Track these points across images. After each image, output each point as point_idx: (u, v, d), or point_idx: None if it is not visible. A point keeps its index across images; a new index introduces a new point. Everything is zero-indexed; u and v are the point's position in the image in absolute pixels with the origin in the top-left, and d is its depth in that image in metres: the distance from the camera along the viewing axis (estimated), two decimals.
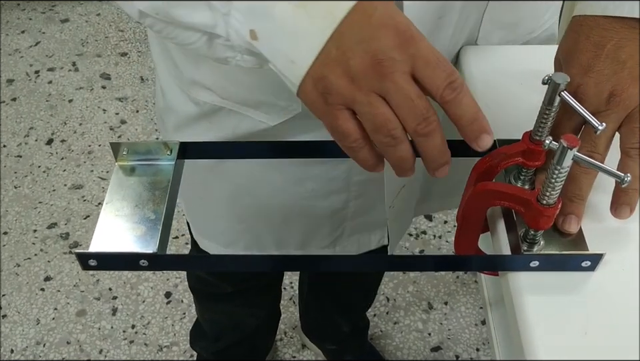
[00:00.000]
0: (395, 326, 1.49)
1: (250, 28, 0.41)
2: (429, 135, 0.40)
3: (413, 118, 0.39)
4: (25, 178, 1.77)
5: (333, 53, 0.39)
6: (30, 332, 1.45)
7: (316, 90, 0.40)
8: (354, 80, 0.39)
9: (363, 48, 0.39)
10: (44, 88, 2.03)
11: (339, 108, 0.40)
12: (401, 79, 0.39)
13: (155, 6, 0.44)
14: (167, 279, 1.55)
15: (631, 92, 0.45)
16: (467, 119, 0.40)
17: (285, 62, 0.41)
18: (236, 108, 0.63)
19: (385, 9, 0.40)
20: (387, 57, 0.39)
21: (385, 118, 0.39)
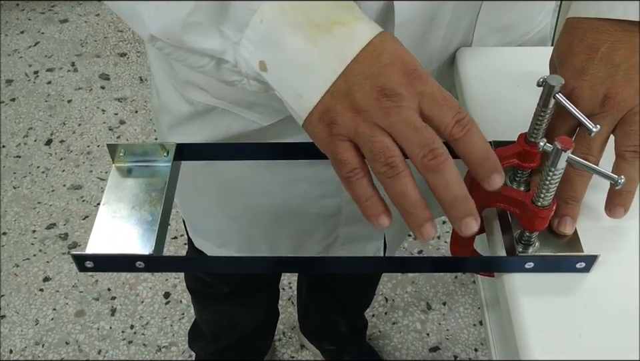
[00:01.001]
0: (394, 326, 1.49)
1: (260, 59, 0.42)
2: (439, 169, 0.38)
3: (419, 149, 0.38)
4: (24, 178, 1.77)
5: (341, 87, 0.40)
6: (29, 333, 1.46)
7: (322, 121, 0.41)
8: (359, 112, 0.40)
9: (370, 83, 0.39)
10: (43, 89, 2.03)
11: (341, 139, 0.40)
12: (406, 113, 0.39)
13: (167, 31, 0.44)
14: (166, 279, 1.55)
15: (625, 95, 0.46)
16: (478, 158, 0.39)
17: (293, 95, 0.42)
18: (229, 108, 0.63)
19: (394, 49, 0.40)
20: (394, 93, 0.39)
21: (383, 145, 0.39)
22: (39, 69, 2.10)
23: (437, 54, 0.59)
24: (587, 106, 0.46)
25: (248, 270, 0.54)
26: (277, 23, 0.41)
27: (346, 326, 1.31)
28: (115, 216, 0.47)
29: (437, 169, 0.38)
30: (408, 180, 0.39)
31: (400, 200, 0.39)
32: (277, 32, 0.41)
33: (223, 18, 0.43)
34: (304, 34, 0.40)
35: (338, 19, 0.41)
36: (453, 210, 0.39)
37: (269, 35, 0.41)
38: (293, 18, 0.41)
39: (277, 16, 0.41)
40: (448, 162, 0.38)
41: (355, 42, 0.40)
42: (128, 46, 2.19)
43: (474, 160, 0.39)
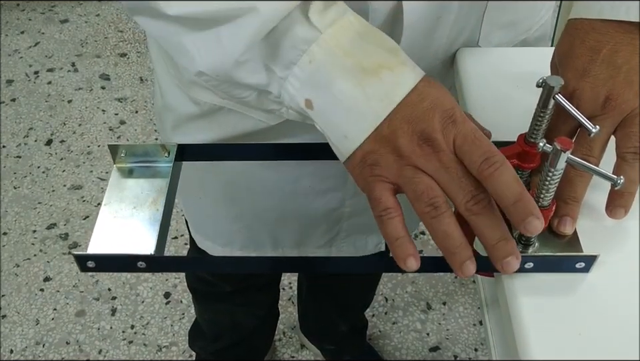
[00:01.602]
0: (394, 326, 1.49)
1: (306, 97, 0.44)
2: (480, 213, 0.40)
3: (462, 195, 0.40)
4: (25, 178, 1.77)
5: (385, 131, 0.42)
6: (29, 332, 1.46)
7: (364, 162, 0.43)
8: (402, 157, 0.41)
9: (411, 128, 0.41)
10: (43, 89, 2.03)
11: (381, 179, 0.42)
12: (446, 158, 0.40)
13: (216, 68, 0.45)
14: (166, 279, 1.55)
15: (627, 97, 0.46)
16: (509, 199, 0.39)
17: (337, 135, 0.43)
18: (236, 108, 0.63)
19: (437, 95, 0.42)
20: (432, 138, 0.41)
21: (427, 186, 0.40)
22: (39, 69, 2.10)
23: (443, 51, 0.60)
24: (588, 108, 0.46)
25: (249, 270, 0.55)
26: (327, 66, 0.42)
27: (346, 326, 1.31)
28: (116, 217, 0.47)
29: (479, 213, 0.40)
30: (451, 220, 0.40)
31: (443, 240, 0.41)
32: (326, 74, 0.42)
33: (272, 56, 0.44)
34: (352, 79, 0.42)
35: (385, 64, 0.43)
36: (495, 252, 0.40)
37: (317, 76, 0.43)
38: (342, 62, 0.42)
39: (327, 59, 0.42)
40: (489, 206, 0.40)
41: (401, 87, 0.42)
42: (128, 47, 2.19)
43: (505, 202, 0.39)
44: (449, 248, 0.41)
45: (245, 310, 1.15)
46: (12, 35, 2.23)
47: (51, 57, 2.15)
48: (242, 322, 1.19)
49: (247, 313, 1.17)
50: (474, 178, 0.40)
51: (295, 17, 0.42)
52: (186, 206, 0.84)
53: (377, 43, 0.44)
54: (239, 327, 1.21)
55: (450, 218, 0.40)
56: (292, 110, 0.46)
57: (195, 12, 0.43)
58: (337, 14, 0.43)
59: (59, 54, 2.16)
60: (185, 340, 1.43)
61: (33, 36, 2.23)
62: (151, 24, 0.46)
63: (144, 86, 2.05)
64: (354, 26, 0.44)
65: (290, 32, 0.43)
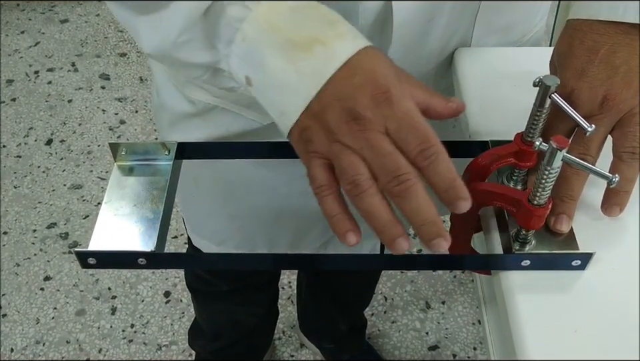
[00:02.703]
0: (393, 325, 1.50)
1: (245, 74, 0.44)
2: (403, 195, 0.39)
3: (384, 175, 0.39)
4: (25, 178, 1.78)
5: (316, 108, 0.41)
6: (30, 332, 1.46)
7: (301, 139, 0.43)
8: (331, 133, 0.41)
9: (340, 106, 0.40)
10: (43, 89, 2.04)
11: (315, 156, 0.42)
12: (372, 136, 0.39)
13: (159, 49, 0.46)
14: (166, 278, 1.56)
15: (624, 97, 0.46)
16: (441, 188, 0.39)
17: (276, 112, 0.43)
18: (229, 107, 0.64)
19: (370, 68, 0.41)
20: (361, 116, 0.40)
21: (350, 164, 0.40)
22: (39, 69, 2.10)
23: (436, 55, 0.60)
24: (585, 108, 0.47)
25: (248, 267, 0.55)
26: (258, 43, 0.42)
27: (345, 325, 1.32)
28: (116, 214, 0.47)
29: (402, 195, 0.39)
30: (374, 198, 0.40)
31: (368, 218, 0.40)
32: (258, 52, 0.42)
33: (213, 35, 0.44)
34: (283, 55, 0.42)
35: (319, 38, 0.41)
36: (421, 233, 0.39)
37: (251, 54, 0.43)
38: (272, 39, 0.42)
39: (258, 37, 0.42)
40: (413, 188, 0.39)
41: (332, 62, 0.41)
42: (128, 46, 2.20)
43: (438, 188, 0.39)
44: (376, 227, 0.40)
45: (244, 309, 1.16)
46: (12, 35, 2.24)
47: (51, 57, 2.15)
48: (241, 321, 1.19)
49: (246, 312, 1.17)
50: (399, 157, 0.39)
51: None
52: (182, 204, 0.85)
53: (314, 16, 0.43)
54: (238, 326, 1.21)
55: (373, 196, 0.39)
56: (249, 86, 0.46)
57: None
58: None
59: (59, 54, 2.16)
60: (184, 338, 1.44)
61: (33, 36, 2.23)
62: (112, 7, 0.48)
63: (144, 86, 2.05)
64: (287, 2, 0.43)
65: (224, 12, 0.43)
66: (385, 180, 0.39)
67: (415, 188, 0.39)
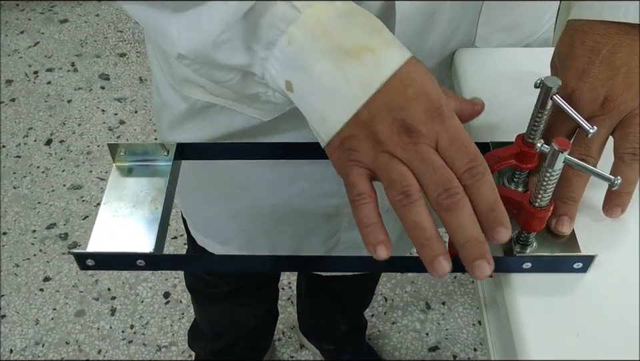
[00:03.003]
0: (393, 326, 1.49)
1: (286, 79, 0.42)
2: (452, 209, 0.39)
3: (434, 187, 0.39)
4: (24, 178, 1.77)
5: (364, 116, 0.40)
6: (29, 332, 1.46)
7: (342, 147, 0.42)
8: (379, 143, 0.40)
9: (392, 116, 0.40)
10: (43, 89, 2.03)
11: (357, 165, 0.41)
12: (424, 149, 0.39)
13: (196, 49, 0.44)
14: (166, 279, 1.56)
15: (625, 98, 0.46)
16: (483, 208, 0.39)
17: (317, 118, 0.42)
18: (228, 105, 0.63)
19: (422, 82, 0.41)
20: (414, 129, 0.39)
21: (400, 174, 0.39)
22: (38, 69, 2.10)
23: (437, 51, 0.59)
24: (586, 109, 0.46)
25: (248, 269, 0.55)
26: (306, 48, 0.41)
27: (345, 326, 1.31)
28: (115, 215, 0.47)
29: (451, 208, 0.39)
30: (422, 210, 0.39)
31: (413, 230, 0.39)
32: (304, 56, 0.41)
33: (252, 36, 0.43)
34: (332, 61, 0.41)
35: (367, 45, 0.41)
36: (464, 251, 0.39)
37: (296, 58, 0.42)
38: (322, 44, 0.41)
39: (306, 41, 0.41)
40: (462, 203, 0.39)
41: (382, 70, 0.40)
42: (128, 47, 2.20)
43: (479, 209, 0.39)
44: (419, 240, 0.39)
45: (244, 310, 1.15)
46: (11, 35, 2.23)
47: (51, 57, 2.15)
48: (241, 321, 1.19)
49: (246, 312, 1.17)
50: (449, 171, 0.39)
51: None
52: (184, 203, 0.84)
53: (361, 23, 0.42)
54: (238, 327, 1.21)
55: (422, 207, 0.39)
56: (277, 91, 0.45)
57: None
58: None
59: (59, 54, 2.16)
60: (184, 339, 1.44)
61: (33, 36, 2.23)
62: (132, 7, 0.46)
63: (143, 86, 2.05)
64: (335, 5, 0.42)
65: (269, 12, 0.42)
66: (435, 193, 0.39)
67: (464, 202, 0.39)
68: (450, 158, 0.40)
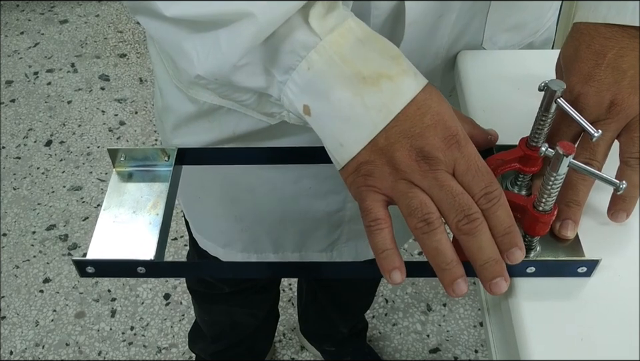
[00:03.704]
0: (394, 327, 1.49)
1: (304, 103, 0.43)
2: (472, 233, 0.40)
3: (454, 214, 0.40)
4: (24, 179, 1.77)
5: (382, 143, 0.41)
6: (29, 334, 1.46)
7: (358, 172, 0.42)
8: (397, 171, 0.41)
9: (410, 143, 0.41)
10: (43, 90, 2.03)
11: (374, 190, 0.42)
12: (442, 176, 0.40)
13: (215, 72, 0.44)
14: (166, 281, 1.55)
15: (632, 102, 0.46)
16: (499, 231, 0.40)
17: (334, 143, 0.43)
18: (235, 108, 0.63)
19: (439, 110, 0.42)
20: (432, 156, 0.40)
21: (421, 202, 0.40)
22: (38, 70, 2.10)
23: (445, 51, 0.59)
24: (592, 112, 0.46)
25: (249, 275, 0.55)
26: (325, 73, 0.42)
27: (346, 328, 1.31)
28: (115, 221, 0.47)
29: (471, 233, 0.40)
30: (443, 236, 0.40)
31: (434, 256, 0.41)
32: (323, 82, 0.42)
33: (272, 61, 0.43)
34: (351, 87, 0.41)
35: (386, 73, 0.42)
36: (484, 271, 0.41)
37: (315, 83, 0.42)
38: (341, 70, 0.42)
39: (325, 67, 0.42)
40: (481, 227, 0.40)
41: (401, 98, 0.41)
42: (128, 47, 2.19)
43: (495, 231, 0.41)
44: (440, 265, 0.41)
45: (244, 312, 1.15)
46: (11, 36, 2.23)
47: (51, 58, 2.14)
48: (242, 323, 1.19)
49: (247, 314, 1.17)
50: (467, 197, 0.40)
51: (295, 22, 0.42)
52: (186, 206, 0.84)
53: (378, 50, 0.43)
54: (238, 328, 1.21)
55: (442, 234, 0.40)
56: (292, 112, 0.46)
57: (192, 15, 0.42)
58: (337, 19, 0.43)
59: (59, 54, 2.16)
60: (184, 341, 1.43)
61: (33, 36, 2.23)
62: (150, 24, 0.46)
63: (143, 87, 2.04)
64: (355, 32, 0.43)
65: (289, 38, 0.42)
66: (455, 219, 0.40)
67: (483, 226, 0.40)
68: (467, 183, 0.41)
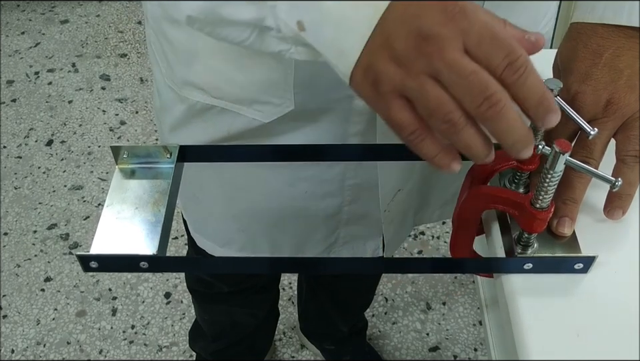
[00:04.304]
0: (393, 326, 1.50)
1: (297, 19, 0.40)
2: (495, 118, 0.35)
3: (470, 99, 0.35)
4: (25, 179, 1.78)
5: (379, 39, 0.37)
6: (30, 333, 1.46)
7: (366, 80, 0.38)
8: (401, 63, 0.36)
9: (406, 28, 0.36)
10: (44, 89, 2.04)
11: (391, 97, 0.37)
12: (450, 55, 0.35)
13: (203, 9, 0.43)
14: (167, 280, 1.56)
15: (628, 100, 0.46)
16: (532, 103, 0.36)
17: (334, 53, 0.39)
18: (228, 107, 0.63)
19: None
20: (433, 34, 0.35)
21: (438, 102, 0.36)
22: (39, 70, 2.10)
23: None
24: (589, 111, 0.47)
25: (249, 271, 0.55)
26: None
27: (346, 326, 1.32)
28: (118, 217, 0.47)
29: (494, 117, 0.35)
30: (471, 131, 0.37)
31: (466, 151, 0.37)
32: None
33: None
34: None
35: None
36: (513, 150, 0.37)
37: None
38: None
39: None
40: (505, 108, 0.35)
41: None
42: (128, 47, 2.20)
43: (528, 104, 0.36)
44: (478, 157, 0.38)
45: (244, 311, 1.16)
46: (12, 36, 2.23)
47: (52, 58, 2.15)
48: (242, 322, 1.19)
49: (247, 314, 1.17)
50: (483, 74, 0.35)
51: None
52: (185, 205, 0.85)
53: None
54: (238, 327, 1.21)
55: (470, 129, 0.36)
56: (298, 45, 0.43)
57: None
58: None
59: (60, 54, 2.16)
60: (185, 340, 1.44)
61: (34, 36, 2.23)
62: None
63: (144, 87, 2.05)
64: None
65: None
66: (473, 105, 0.35)
67: (507, 107, 0.35)
68: (484, 56, 0.35)
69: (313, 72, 0.57)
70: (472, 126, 0.37)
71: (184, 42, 0.61)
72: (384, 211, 0.73)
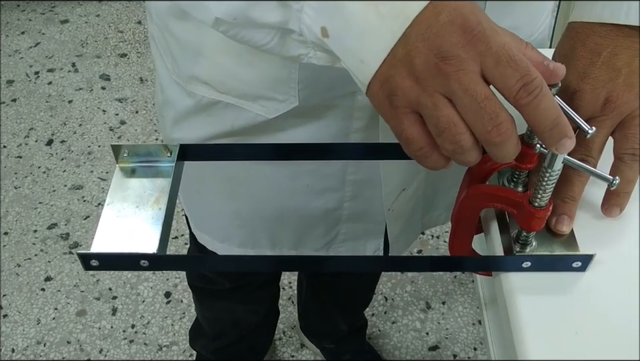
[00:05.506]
0: (393, 325, 1.50)
1: (321, 25, 0.41)
2: (501, 144, 0.37)
3: (481, 125, 0.36)
4: (25, 178, 1.78)
5: (400, 53, 0.38)
6: (30, 332, 1.46)
7: (382, 91, 0.39)
8: (418, 80, 0.37)
9: (427, 46, 0.37)
10: (44, 89, 2.04)
11: (404, 112, 0.39)
12: (466, 78, 0.36)
13: (232, 11, 0.44)
14: (167, 279, 1.56)
15: (626, 99, 0.47)
16: (546, 126, 0.37)
17: (355, 62, 0.40)
18: (234, 102, 0.64)
19: (456, 6, 0.37)
20: (452, 55, 0.36)
21: (449, 121, 0.37)
22: (39, 70, 2.11)
23: None
24: (587, 109, 0.47)
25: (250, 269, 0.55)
26: None
27: (346, 325, 1.32)
28: (119, 216, 0.47)
29: (500, 145, 0.37)
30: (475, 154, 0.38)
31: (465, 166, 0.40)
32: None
33: None
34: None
35: None
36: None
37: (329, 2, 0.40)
38: None
39: None
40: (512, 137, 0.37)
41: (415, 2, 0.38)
42: (128, 47, 2.20)
43: (541, 127, 0.37)
44: None
45: (245, 308, 1.16)
46: (12, 36, 2.24)
47: (51, 57, 2.15)
48: (242, 319, 1.20)
49: (247, 310, 1.17)
50: (495, 102, 0.36)
51: None
52: (186, 201, 0.85)
53: None
54: (239, 325, 1.21)
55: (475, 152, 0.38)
56: (318, 50, 0.44)
57: None
58: None
59: (59, 54, 2.16)
60: (185, 339, 1.44)
61: (34, 36, 2.23)
62: None
63: (144, 87, 2.05)
64: None
65: None
66: (483, 130, 0.37)
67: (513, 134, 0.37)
68: (500, 78, 0.36)
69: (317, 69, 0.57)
70: (477, 149, 0.38)
71: (190, 38, 0.61)
72: (388, 210, 0.73)
